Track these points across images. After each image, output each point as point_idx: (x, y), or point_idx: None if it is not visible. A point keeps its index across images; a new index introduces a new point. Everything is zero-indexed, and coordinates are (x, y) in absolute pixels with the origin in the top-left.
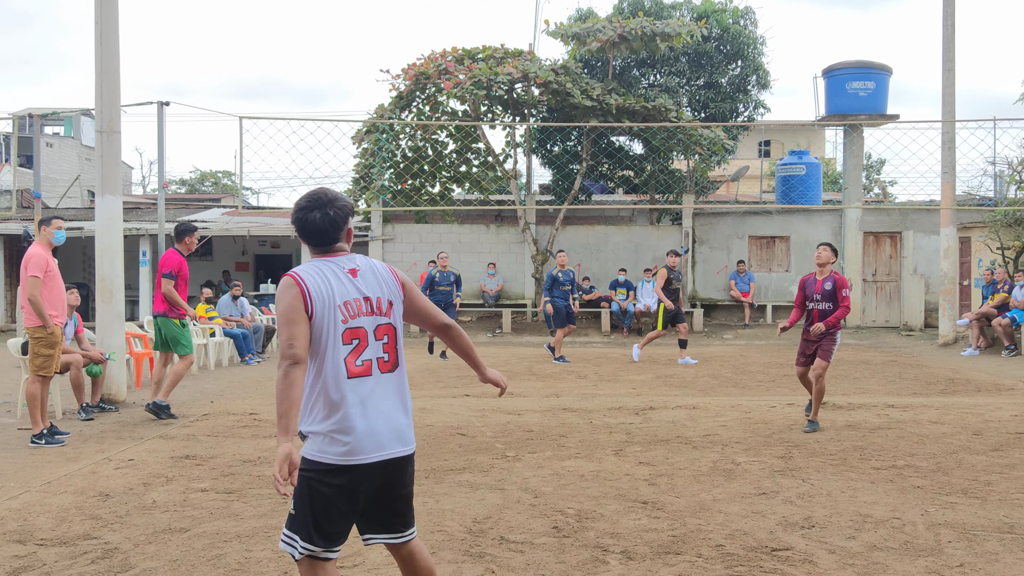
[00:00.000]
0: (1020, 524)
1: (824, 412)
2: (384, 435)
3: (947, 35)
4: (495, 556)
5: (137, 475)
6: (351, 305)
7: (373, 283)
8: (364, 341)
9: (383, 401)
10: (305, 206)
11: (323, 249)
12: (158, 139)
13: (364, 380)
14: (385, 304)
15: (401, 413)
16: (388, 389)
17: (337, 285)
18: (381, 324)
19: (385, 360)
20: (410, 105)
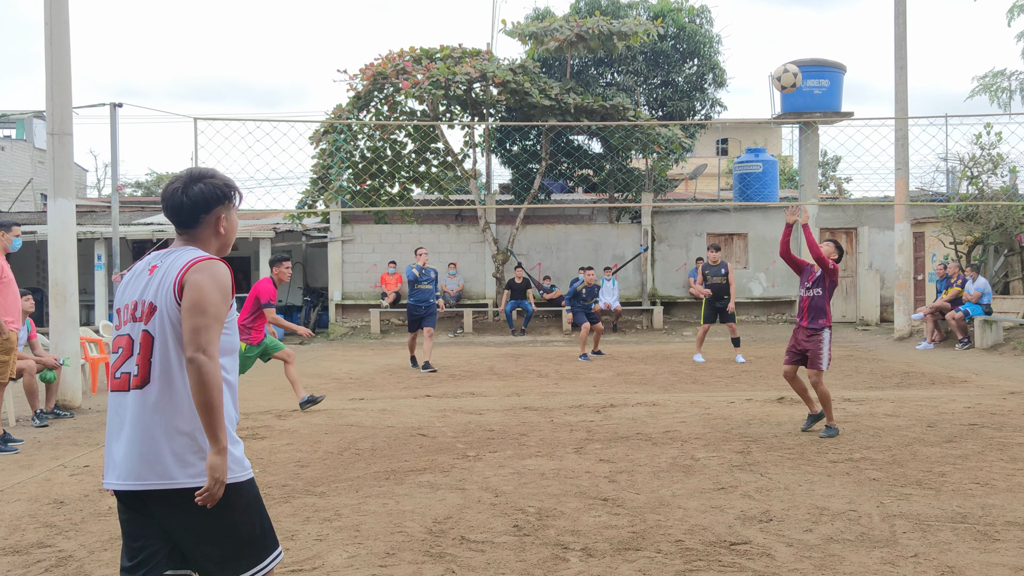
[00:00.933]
0: (972, 514)
1: (781, 407)
2: (120, 462)
3: (899, 33)
4: (455, 556)
5: (93, 481)
6: (125, 310)
7: (155, 283)
8: (127, 351)
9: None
10: (173, 178)
11: (180, 233)
12: (111, 141)
13: (117, 396)
14: (149, 309)
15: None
16: (138, 408)
17: (130, 285)
18: (141, 331)
19: (134, 374)
20: (368, 105)
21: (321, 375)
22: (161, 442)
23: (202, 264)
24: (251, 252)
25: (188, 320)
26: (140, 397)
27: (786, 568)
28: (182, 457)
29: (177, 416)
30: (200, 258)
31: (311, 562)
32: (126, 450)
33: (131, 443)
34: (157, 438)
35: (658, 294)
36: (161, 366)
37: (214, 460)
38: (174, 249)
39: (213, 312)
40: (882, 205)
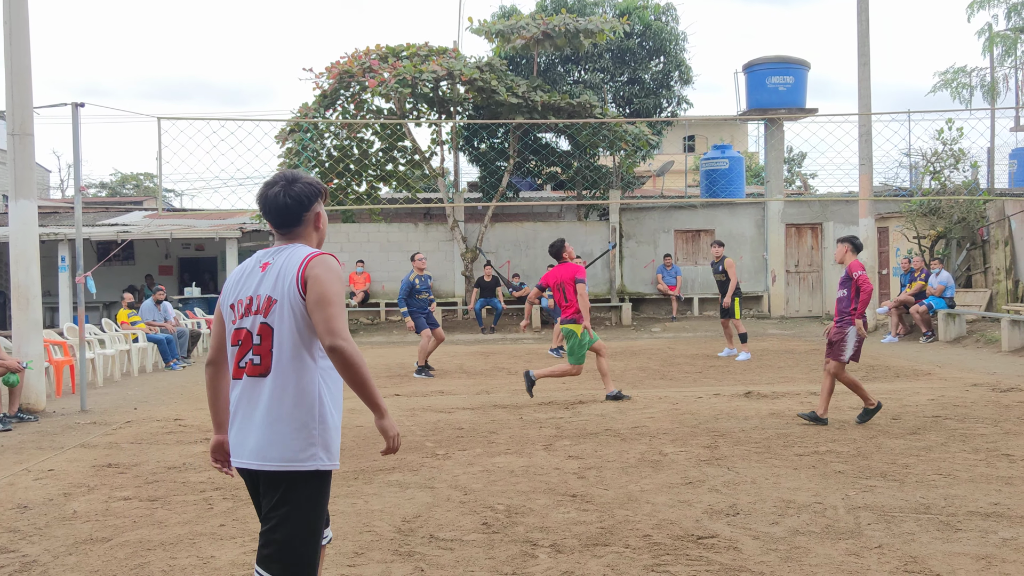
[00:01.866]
0: (936, 505)
1: (748, 401)
2: (244, 443)
3: (861, 30)
4: (424, 555)
5: (57, 485)
6: (239, 305)
7: (271, 279)
8: (247, 343)
9: (249, 409)
10: (269, 182)
11: (282, 233)
12: (73, 142)
13: (240, 383)
14: (267, 302)
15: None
16: (254, 394)
17: (242, 282)
18: (261, 323)
19: (255, 363)
20: (334, 104)
21: None
22: (277, 427)
23: (317, 259)
24: (217, 252)
25: (318, 312)
26: (259, 384)
27: (752, 561)
28: (285, 443)
29: (292, 403)
30: (314, 254)
31: None
32: (248, 433)
33: (253, 427)
34: (275, 423)
35: (626, 291)
36: (280, 356)
37: (383, 423)
38: (283, 247)
39: (338, 301)
40: (847, 200)
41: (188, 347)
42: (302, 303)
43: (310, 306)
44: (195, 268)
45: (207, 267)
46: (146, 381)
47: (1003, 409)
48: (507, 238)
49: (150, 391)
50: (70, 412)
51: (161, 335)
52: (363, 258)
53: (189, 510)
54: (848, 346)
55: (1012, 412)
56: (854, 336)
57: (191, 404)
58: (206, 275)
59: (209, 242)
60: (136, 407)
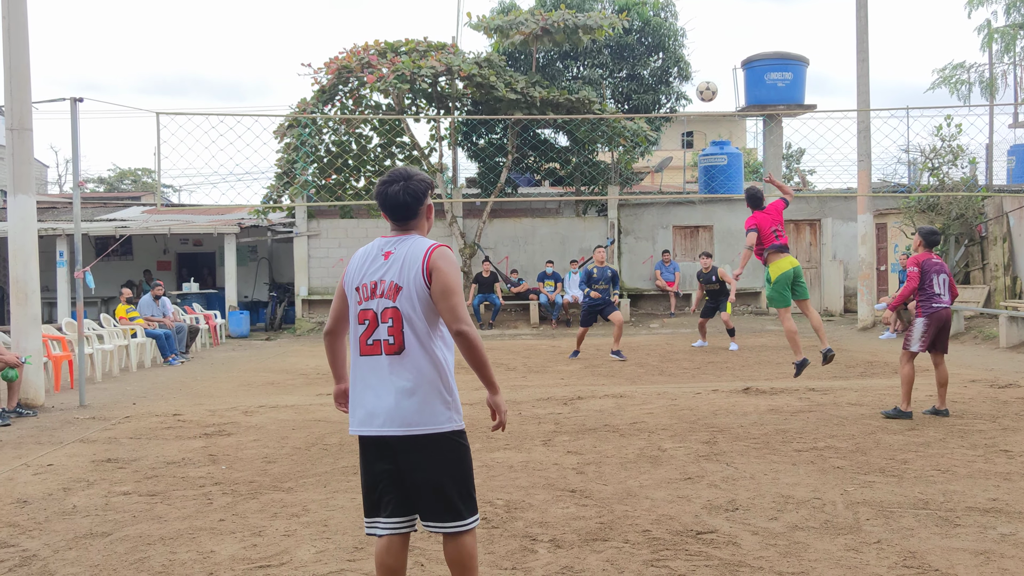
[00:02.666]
0: (934, 500)
1: (747, 397)
2: (378, 413)
3: (860, 26)
4: (424, 549)
5: (57, 480)
6: (364, 288)
7: (395, 267)
8: (373, 323)
9: (384, 383)
10: (387, 180)
11: (400, 225)
12: (72, 136)
13: (371, 359)
14: (393, 288)
15: (404, 395)
16: (391, 370)
17: (366, 267)
18: (387, 307)
19: (390, 343)
20: (333, 99)
21: (288, 370)
22: (412, 397)
23: (438, 251)
24: (216, 247)
25: (444, 301)
26: (395, 361)
27: (752, 556)
28: (428, 409)
29: (424, 376)
30: (434, 246)
31: (279, 557)
32: (380, 404)
33: (386, 398)
34: (409, 394)
35: (625, 286)
36: (411, 336)
37: (496, 399)
38: (403, 237)
39: (459, 290)
40: (845, 197)
41: (187, 342)
42: (427, 290)
43: (435, 295)
44: (193, 263)
45: (205, 262)
46: (145, 376)
47: (1001, 405)
48: (505, 234)
49: (149, 386)
50: (69, 407)
51: (159, 330)
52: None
53: (188, 505)
54: (913, 336)
55: (1010, 408)
56: (918, 327)
57: (190, 399)
58: (204, 270)
59: (207, 237)
60: (135, 402)
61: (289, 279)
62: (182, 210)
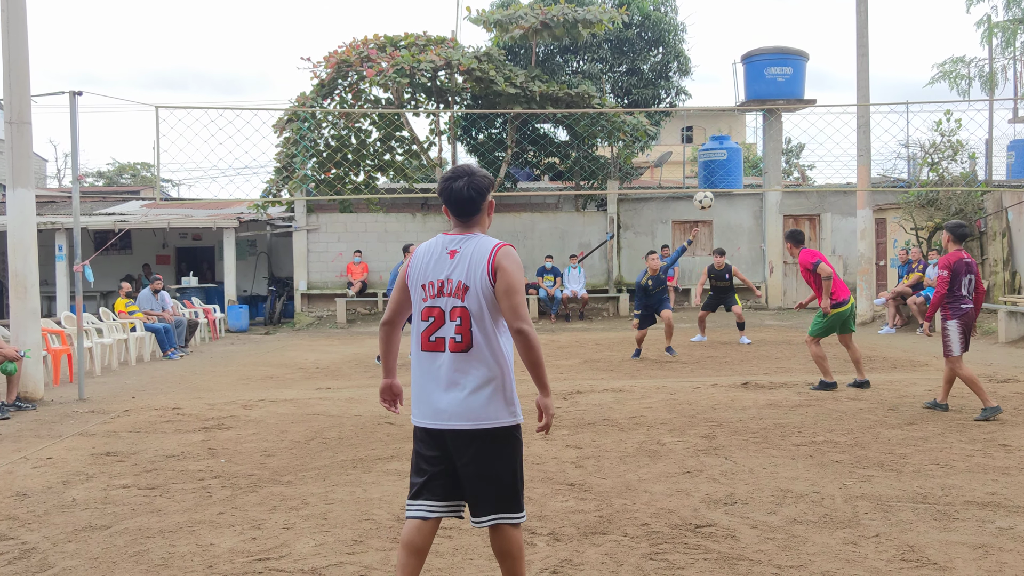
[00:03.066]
0: (932, 494)
1: (746, 392)
2: (441, 407)
3: (860, 21)
4: None
5: (56, 473)
6: (431, 286)
7: (461, 266)
8: (439, 320)
9: (444, 379)
10: (450, 176)
11: (462, 221)
12: (71, 130)
13: (434, 355)
14: (460, 287)
15: (468, 391)
16: (457, 367)
17: (431, 265)
18: (455, 306)
19: (457, 340)
20: (332, 93)
21: (287, 364)
22: (477, 393)
23: (503, 251)
24: (215, 242)
25: (507, 300)
26: (461, 358)
27: (750, 549)
28: (493, 405)
29: (490, 373)
30: (499, 245)
31: (278, 550)
32: (445, 398)
33: (451, 393)
34: (475, 390)
35: (624, 281)
36: (477, 335)
37: (546, 401)
38: (467, 236)
39: (521, 290)
40: (844, 191)
41: (186, 336)
42: (491, 289)
43: (499, 293)
44: (192, 258)
45: (204, 257)
46: (144, 370)
47: (1000, 400)
48: (505, 228)
49: (148, 380)
50: (68, 401)
51: (159, 324)
52: (360, 248)
53: (188, 498)
54: (950, 342)
55: (1009, 403)
56: (952, 331)
57: (189, 393)
58: (203, 264)
59: (207, 232)
60: (134, 396)
61: (288, 273)
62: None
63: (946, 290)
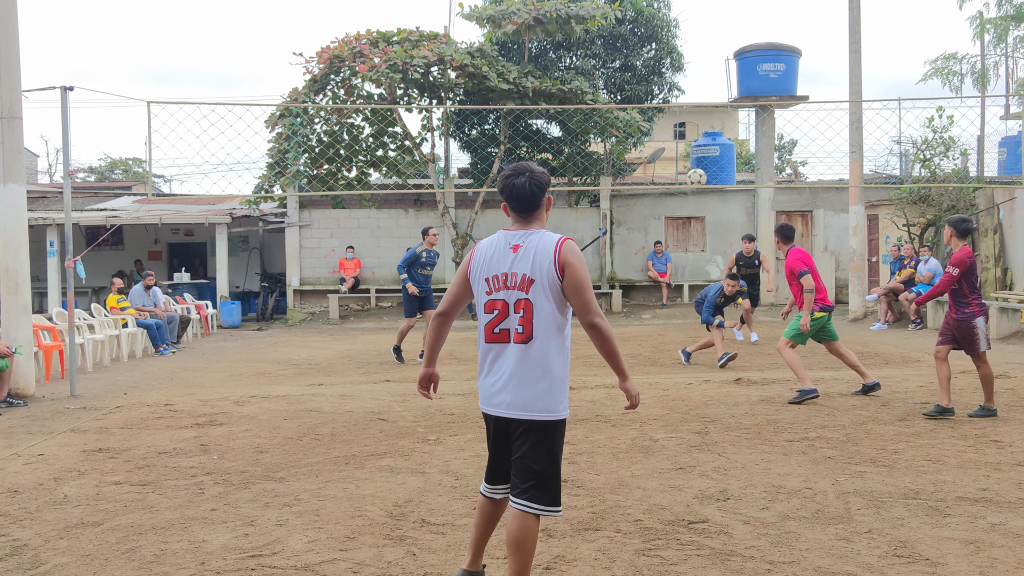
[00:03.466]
0: (925, 490)
1: (739, 388)
2: (500, 396)
3: (853, 18)
4: (416, 539)
5: (47, 470)
6: (495, 280)
7: (525, 260)
8: (503, 313)
9: (504, 369)
10: (511, 173)
11: (522, 216)
12: (62, 125)
13: (498, 346)
14: (525, 280)
15: (517, 384)
16: (518, 357)
17: (494, 259)
18: (519, 299)
19: (519, 332)
20: (324, 89)
21: (280, 360)
22: (536, 384)
23: (567, 246)
24: (207, 238)
25: (577, 296)
26: (523, 349)
27: (743, 545)
28: (549, 397)
29: (548, 365)
30: (562, 240)
31: (271, 547)
32: (507, 388)
33: (512, 383)
34: (534, 381)
35: (617, 277)
36: (539, 326)
37: (627, 385)
38: (528, 232)
39: (590, 284)
40: (837, 188)
41: (178, 332)
42: (559, 283)
43: (568, 289)
44: (184, 253)
45: (197, 252)
46: (136, 366)
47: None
48: (498, 224)
49: (140, 376)
50: (59, 397)
51: (150, 320)
52: (353, 244)
53: (180, 495)
54: (979, 338)
55: (1000, 399)
56: (981, 327)
57: (181, 389)
58: (196, 260)
59: (199, 227)
60: (126, 392)
61: (280, 269)
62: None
63: (949, 288)
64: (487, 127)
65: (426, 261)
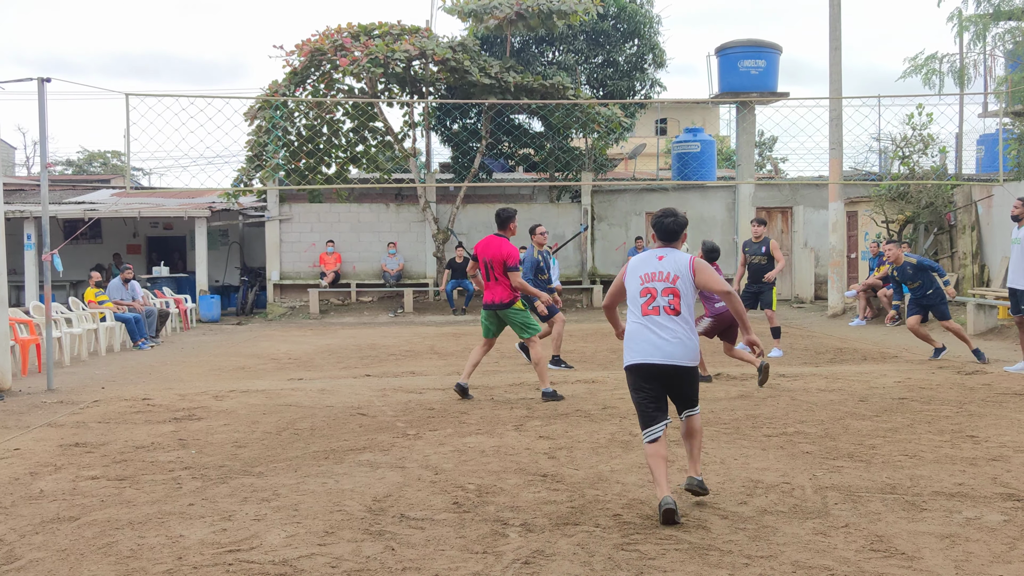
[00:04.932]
0: (901, 485)
1: (718, 383)
2: (661, 350)
3: (833, 15)
4: (395, 533)
5: (23, 465)
6: (647, 276)
7: (669, 264)
8: (654, 296)
9: (664, 332)
10: (662, 215)
11: (666, 243)
12: (39, 117)
13: (651, 318)
14: (672, 276)
15: (676, 343)
16: (670, 326)
17: (645, 264)
18: (667, 287)
19: (670, 308)
20: (305, 82)
21: (259, 355)
22: (684, 343)
23: (696, 260)
24: (187, 231)
25: (707, 284)
26: (675, 319)
27: (721, 540)
28: (692, 351)
29: (690, 331)
30: (692, 257)
31: (249, 542)
32: (664, 345)
33: (667, 343)
34: (683, 341)
35: (598, 273)
36: (684, 306)
37: (752, 337)
38: (669, 249)
39: (715, 274)
40: (817, 184)
41: (156, 326)
42: (692, 279)
43: (699, 283)
44: (163, 247)
45: (176, 246)
46: (113, 360)
47: (968, 391)
48: (479, 219)
49: (117, 370)
50: (36, 391)
51: (129, 314)
52: (333, 238)
53: (157, 489)
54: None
55: (977, 394)
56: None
57: (160, 384)
58: (175, 254)
59: (178, 221)
60: (103, 386)
61: (260, 263)
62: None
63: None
64: (469, 122)
65: (544, 265)
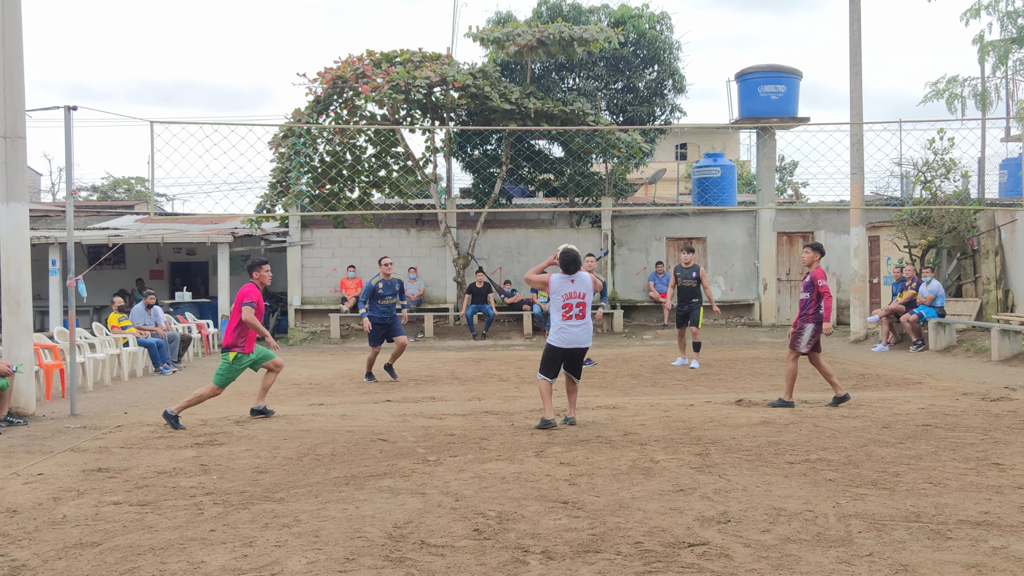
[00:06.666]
0: (926, 513)
1: (740, 409)
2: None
3: (853, 39)
4: (416, 560)
5: (47, 489)
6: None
7: (579, 285)
8: (571, 308)
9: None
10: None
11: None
12: (65, 145)
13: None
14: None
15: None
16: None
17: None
18: (579, 301)
19: (580, 315)
20: (327, 109)
21: (281, 380)
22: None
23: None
24: (209, 257)
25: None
26: (583, 321)
27: (744, 568)
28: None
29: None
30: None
31: (270, 568)
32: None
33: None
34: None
35: (618, 298)
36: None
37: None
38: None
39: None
40: (838, 209)
41: (179, 352)
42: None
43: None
44: (186, 272)
45: (198, 272)
46: (136, 385)
47: (993, 418)
48: (499, 244)
49: (140, 395)
50: (60, 416)
51: (152, 339)
52: (355, 263)
53: (179, 515)
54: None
55: (1002, 421)
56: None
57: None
58: (197, 280)
59: (201, 247)
60: (126, 411)
61: (282, 289)
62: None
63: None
64: (489, 147)
65: (384, 291)
